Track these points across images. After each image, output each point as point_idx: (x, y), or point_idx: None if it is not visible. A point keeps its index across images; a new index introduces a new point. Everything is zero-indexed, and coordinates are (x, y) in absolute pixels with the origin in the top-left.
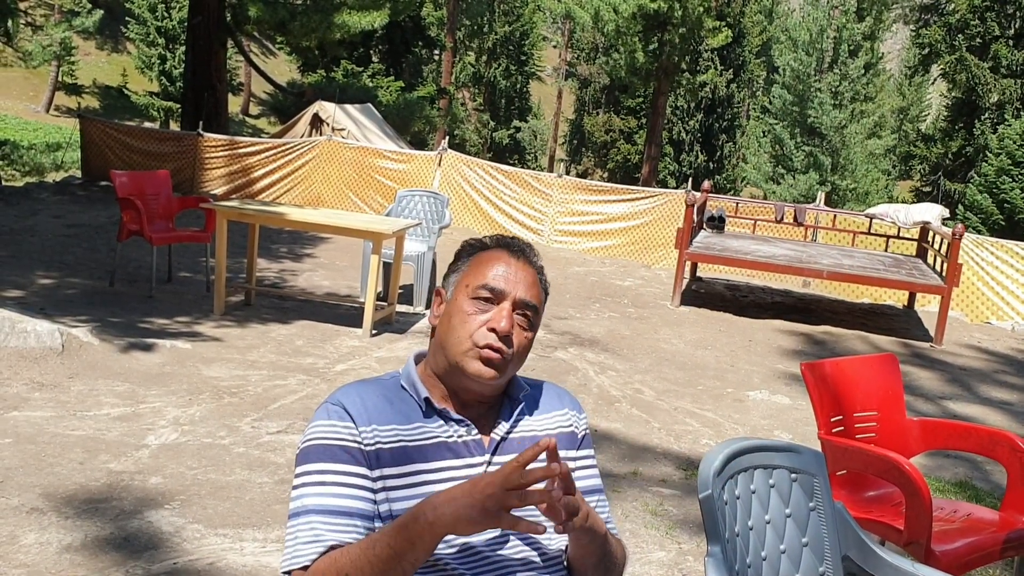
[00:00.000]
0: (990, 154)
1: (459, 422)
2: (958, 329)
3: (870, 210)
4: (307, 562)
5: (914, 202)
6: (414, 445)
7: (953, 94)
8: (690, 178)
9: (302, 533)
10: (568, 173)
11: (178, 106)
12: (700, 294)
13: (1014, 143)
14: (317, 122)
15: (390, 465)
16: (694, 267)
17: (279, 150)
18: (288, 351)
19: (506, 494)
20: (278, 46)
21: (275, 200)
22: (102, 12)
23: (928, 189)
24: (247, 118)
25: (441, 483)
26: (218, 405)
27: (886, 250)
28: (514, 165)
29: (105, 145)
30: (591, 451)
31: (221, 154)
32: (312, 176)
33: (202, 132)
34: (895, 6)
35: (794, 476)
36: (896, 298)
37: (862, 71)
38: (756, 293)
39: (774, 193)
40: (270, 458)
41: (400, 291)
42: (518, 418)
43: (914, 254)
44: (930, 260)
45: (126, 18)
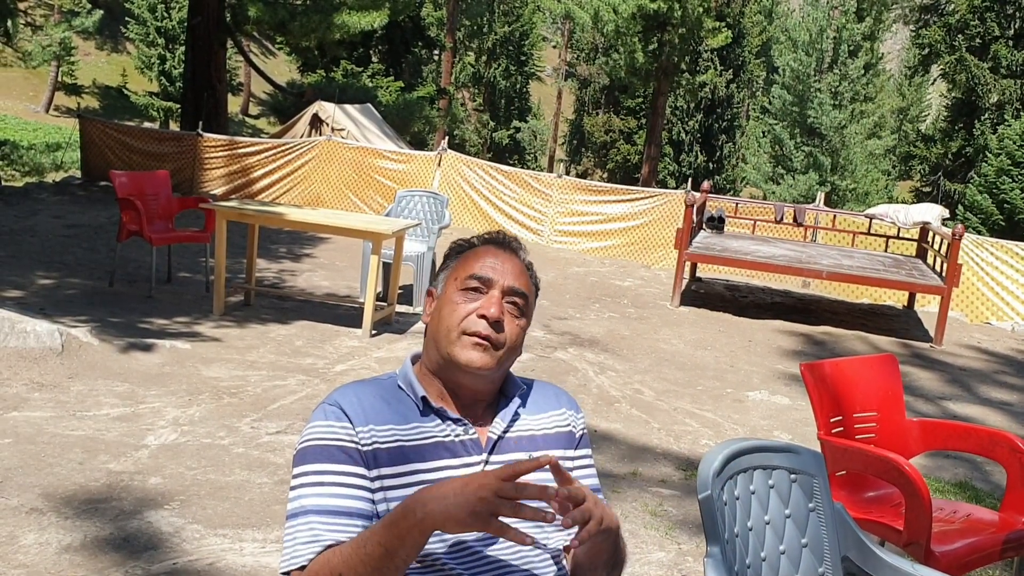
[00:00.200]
0: (990, 154)
1: (456, 421)
2: (958, 329)
3: (870, 210)
4: (304, 562)
5: (914, 202)
6: (411, 445)
7: (953, 94)
8: (690, 178)
9: (300, 534)
10: (568, 173)
11: (178, 106)
12: (700, 294)
13: (1014, 143)
14: (317, 122)
15: (387, 465)
16: (694, 267)
17: (279, 150)
18: (287, 351)
19: (498, 501)
20: (278, 46)
21: (275, 200)
22: (102, 12)
23: (928, 189)
24: (247, 118)
25: (438, 482)
26: (218, 405)
27: (886, 250)
28: (514, 165)
29: (105, 145)
30: (589, 451)
31: (221, 154)
32: (312, 176)
33: (202, 132)
34: (895, 6)
35: (793, 477)
36: (896, 298)
37: (862, 71)
38: (756, 293)
39: (774, 193)
40: (269, 458)
41: (400, 291)
42: (515, 417)
43: (914, 254)
44: (930, 260)
45: (126, 18)
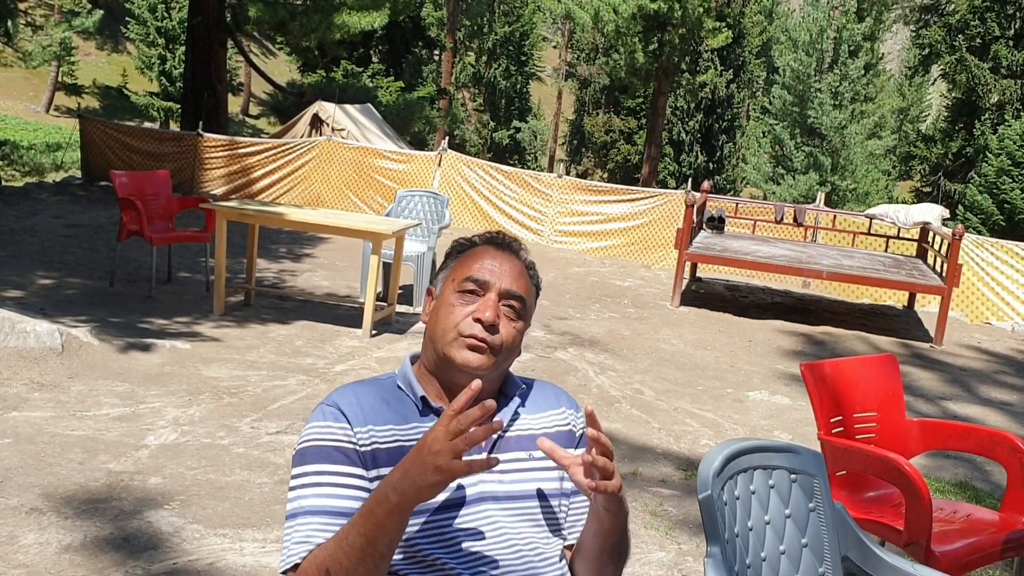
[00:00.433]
0: (990, 154)
1: None
2: (958, 329)
3: (870, 210)
4: (298, 559)
5: (914, 202)
6: (411, 445)
7: (953, 94)
8: (690, 178)
9: (297, 534)
10: (568, 173)
11: (178, 106)
12: (700, 294)
13: (1014, 143)
14: (317, 122)
15: (387, 465)
16: (694, 267)
17: (279, 150)
18: (288, 351)
19: (451, 444)
20: (278, 46)
21: (275, 200)
22: (102, 12)
23: (928, 189)
24: (247, 118)
25: None
26: (218, 405)
27: (886, 250)
28: (514, 165)
29: (105, 145)
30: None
31: (221, 154)
32: (312, 176)
33: (202, 132)
34: (895, 6)
35: (794, 477)
36: (896, 298)
37: (862, 71)
38: (756, 293)
39: (774, 194)
40: (269, 458)
41: (400, 291)
42: (515, 416)
43: (914, 254)
44: (930, 260)
45: (126, 18)
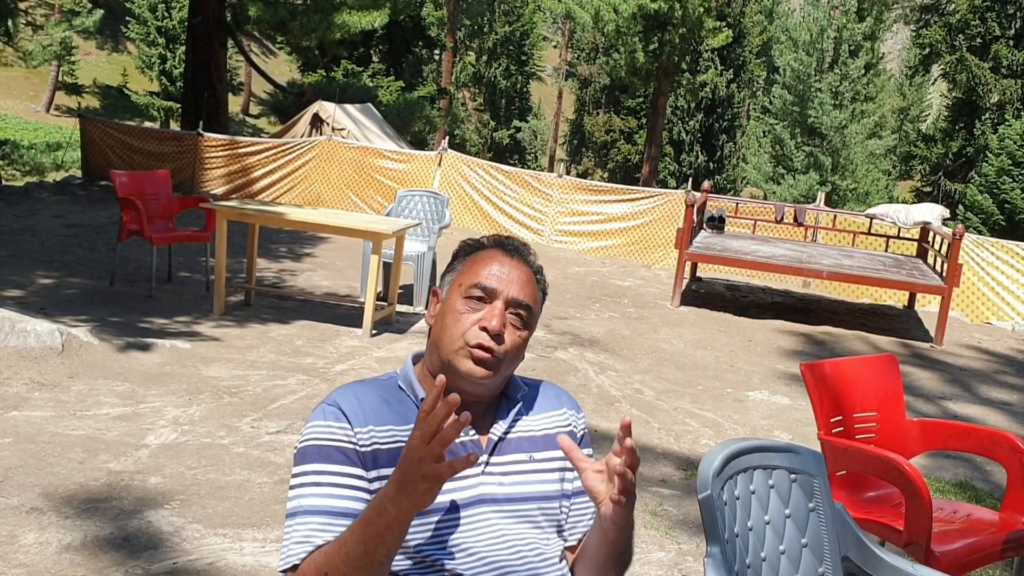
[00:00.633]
0: (990, 154)
1: None
2: (958, 329)
3: (870, 210)
4: (296, 560)
5: (914, 202)
6: None
7: (953, 94)
8: (690, 178)
9: (296, 533)
10: (568, 173)
11: (178, 106)
12: (700, 294)
13: (1014, 143)
14: (317, 122)
15: (387, 466)
16: (694, 267)
17: (279, 150)
18: (288, 351)
19: (428, 448)
20: (278, 46)
21: (275, 200)
22: (102, 12)
23: (928, 189)
24: (247, 118)
25: None
26: (218, 405)
27: (886, 250)
28: (514, 165)
29: (105, 145)
30: (590, 451)
31: (221, 154)
32: (312, 176)
33: (202, 132)
34: (895, 6)
35: (793, 477)
36: (896, 298)
37: (862, 71)
38: (756, 293)
39: (774, 193)
40: (270, 458)
41: (400, 291)
42: (516, 418)
43: (914, 254)
44: (930, 260)
45: (126, 18)
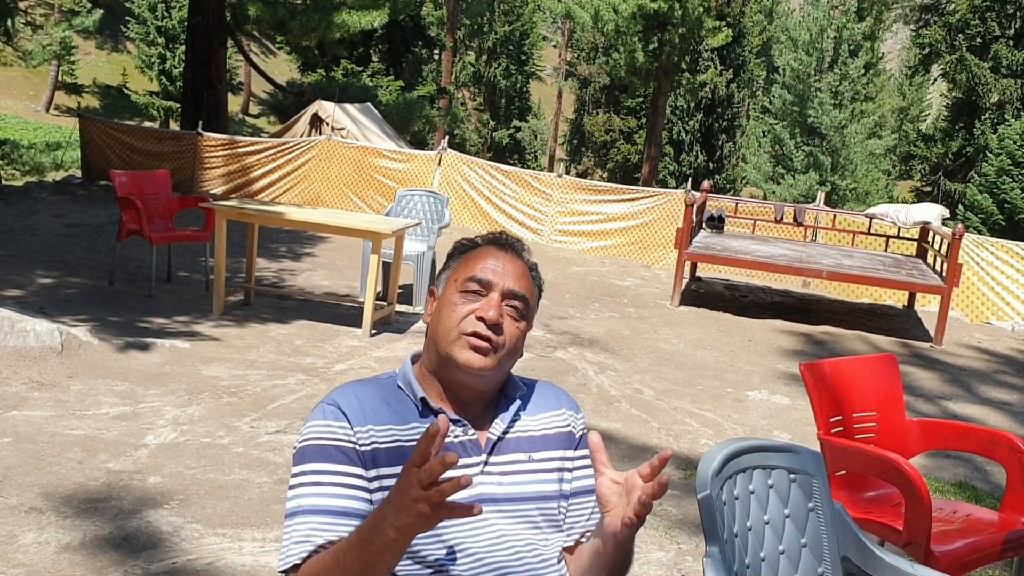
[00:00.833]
0: (990, 154)
1: (455, 422)
2: (958, 329)
3: (870, 210)
4: (297, 560)
5: (914, 202)
6: (410, 445)
7: (953, 94)
8: (690, 178)
9: (296, 533)
10: (568, 173)
11: (178, 105)
12: (700, 294)
13: (1014, 143)
14: (317, 121)
15: (386, 465)
16: (694, 267)
17: (278, 149)
18: (287, 351)
19: (428, 494)
20: (278, 46)
21: (274, 199)
22: (102, 11)
23: (928, 189)
24: (247, 117)
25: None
26: (217, 405)
27: (886, 250)
28: (514, 165)
29: (105, 144)
30: (588, 451)
31: (220, 153)
32: (311, 176)
33: (202, 131)
34: (895, 6)
35: (793, 476)
36: (896, 298)
37: (862, 71)
38: (756, 293)
39: (774, 193)
40: (269, 458)
41: (400, 291)
42: (515, 418)
43: (914, 254)
44: (930, 260)
45: (126, 17)
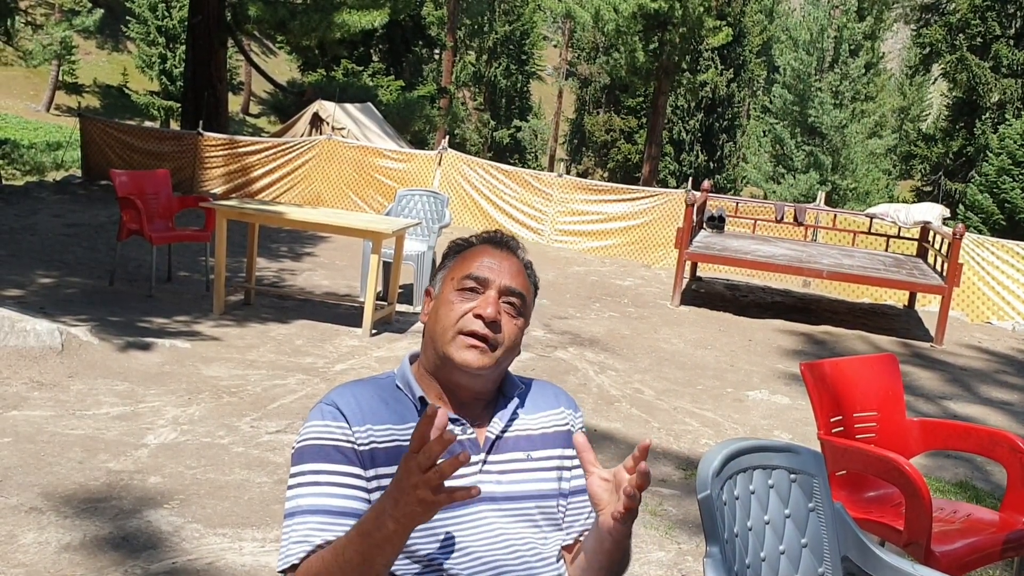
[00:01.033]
0: (991, 154)
1: (454, 421)
2: (958, 329)
3: (870, 210)
4: (296, 560)
5: (915, 202)
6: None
7: (954, 94)
8: (690, 178)
9: (295, 533)
10: (568, 173)
11: (178, 105)
12: (700, 294)
13: (1015, 143)
14: (317, 121)
15: (385, 465)
16: (694, 267)
17: (279, 149)
18: (287, 351)
19: (426, 477)
20: (278, 45)
21: (275, 199)
22: (102, 11)
23: (929, 189)
24: (247, 117)
25: None
26: (217, 404)
27: (886, 250)
28: (514, 165)
29: (105, 144)
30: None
31: (221, 153)
32: (312, 175)
33: (202, 131)
34: (896, 6)
35: (793, 476)
36: (896, 298)
37: (863, 71)
38: (756, 293)
39: (774, 193)
40: (269, 458)
41: (400, 291)
42: (513, 416)
43: (915, 254)
44: (930, 260)
45: (127, 17)
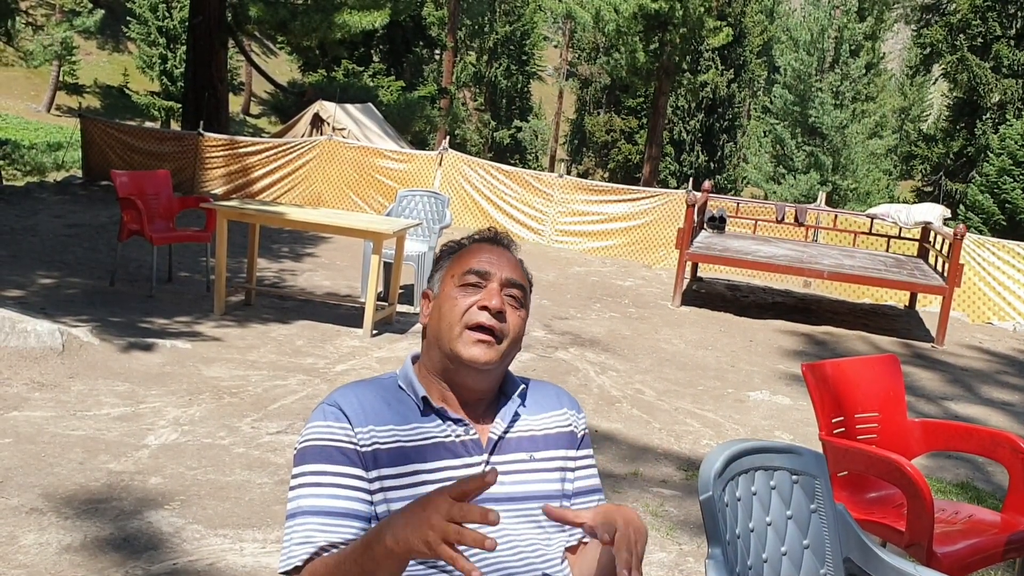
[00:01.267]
0: (991, 154)
1: (457, 421)
2: (959, 329)
3: (871, 210)
4: (299, 562)
5: (915, 202)
6: (412, 445)
7: (954, 94)
8: (691, 178)
9: (296, 534)
10: (569, 173)
11: (179, 106)
12: (701, 294)
13: (1015, 143)
14: (318, 122)
15: (388, 466)
16: (695, 267)
17: (279, 150)
18: (288, 351)
19: (444, 527)
20: (279, 46)
21: (275, 200)
22: (103, 12)
23: (929, 189)
24: (248, 118)
25: (439, 483)
26: (218, 405)
27: (887, 250)
28: (515, 165)
29: (106, 145)
30: (590, 451)
31: (221, 154)
32: (312, 176)
33: (203, 132)
34: (896, 6)
35: (795, 477)
36: (897, 298)
37: (863, 71)
38: (757, 293)
39: (775, 193)
40: (270, 458)
41: (400, 291)
42: (516, 417)
43: (915, 254)
44: (931, 260)
45: (127, 18)
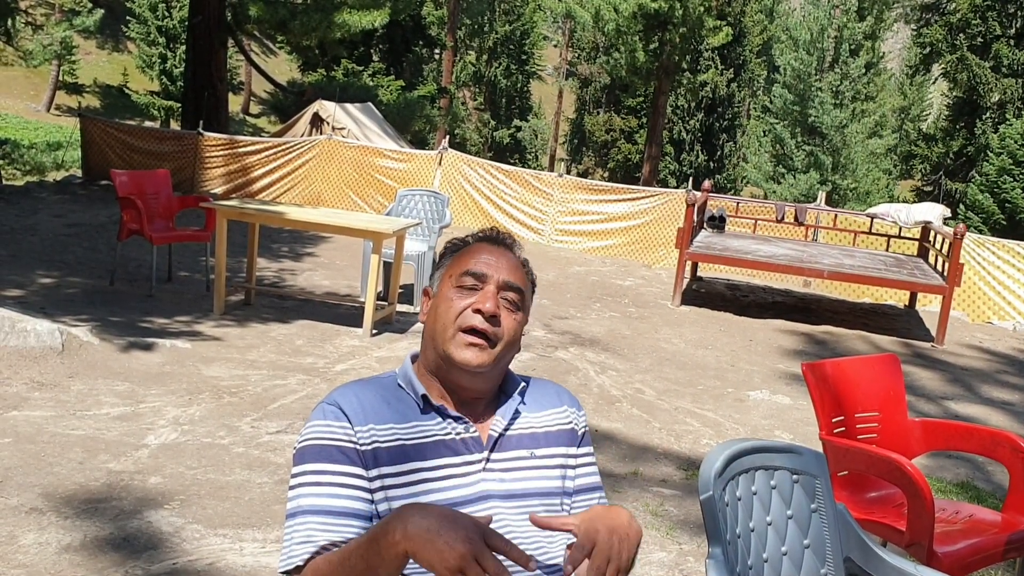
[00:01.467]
0: (991, 154)
1: (457, 419)
2: (959, 329)
3: (871, 210)
4: (300, 562)
5: (915, 202)
6: (412, 444)
7: (954, 93)
8: (691, 178)
9: (297, 534)
10: (569, 172)
11: (179, 105)
12: (701, 294)
13: (1015, 143)
14: (317, 121)
15: (388, 464)
16: (695, 267)
17: (279, 149)
18: (288, 351)
19: (465, 565)
20: (278, 45)
21: (275, 199)
22: (103, 11)
23: (929, 189)
24: (248, 117)
25: (440, 481)
26: (218, 405)
27: (887, 250)
28: (515, 164)
29: (106, 144)
30: (590, 448)
31: (221, 153)
32: (312, 175)
33: (202, 131)
34: (896, 5)
35: (795, 477)
36: (897, 298)
37: (863, 70)
38: (757, 293)
39: (775, 193)
40: (270, 458)
41: (400, 291)
42: (516, 415)
43: (915, 254)
44: (931, 260)
45: (127, 17)
